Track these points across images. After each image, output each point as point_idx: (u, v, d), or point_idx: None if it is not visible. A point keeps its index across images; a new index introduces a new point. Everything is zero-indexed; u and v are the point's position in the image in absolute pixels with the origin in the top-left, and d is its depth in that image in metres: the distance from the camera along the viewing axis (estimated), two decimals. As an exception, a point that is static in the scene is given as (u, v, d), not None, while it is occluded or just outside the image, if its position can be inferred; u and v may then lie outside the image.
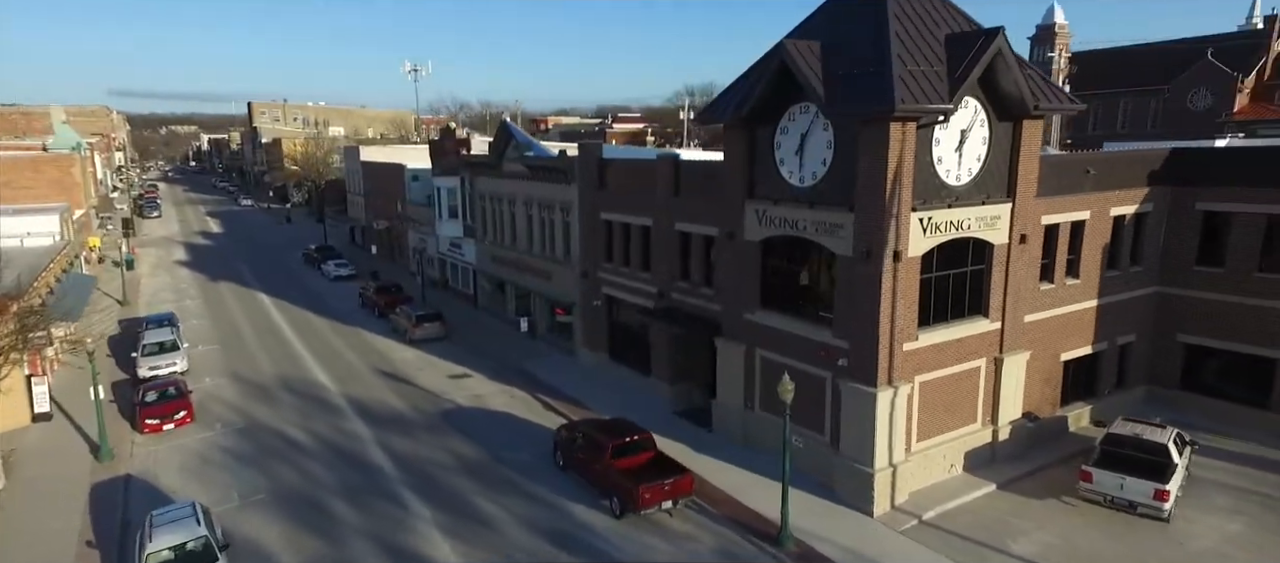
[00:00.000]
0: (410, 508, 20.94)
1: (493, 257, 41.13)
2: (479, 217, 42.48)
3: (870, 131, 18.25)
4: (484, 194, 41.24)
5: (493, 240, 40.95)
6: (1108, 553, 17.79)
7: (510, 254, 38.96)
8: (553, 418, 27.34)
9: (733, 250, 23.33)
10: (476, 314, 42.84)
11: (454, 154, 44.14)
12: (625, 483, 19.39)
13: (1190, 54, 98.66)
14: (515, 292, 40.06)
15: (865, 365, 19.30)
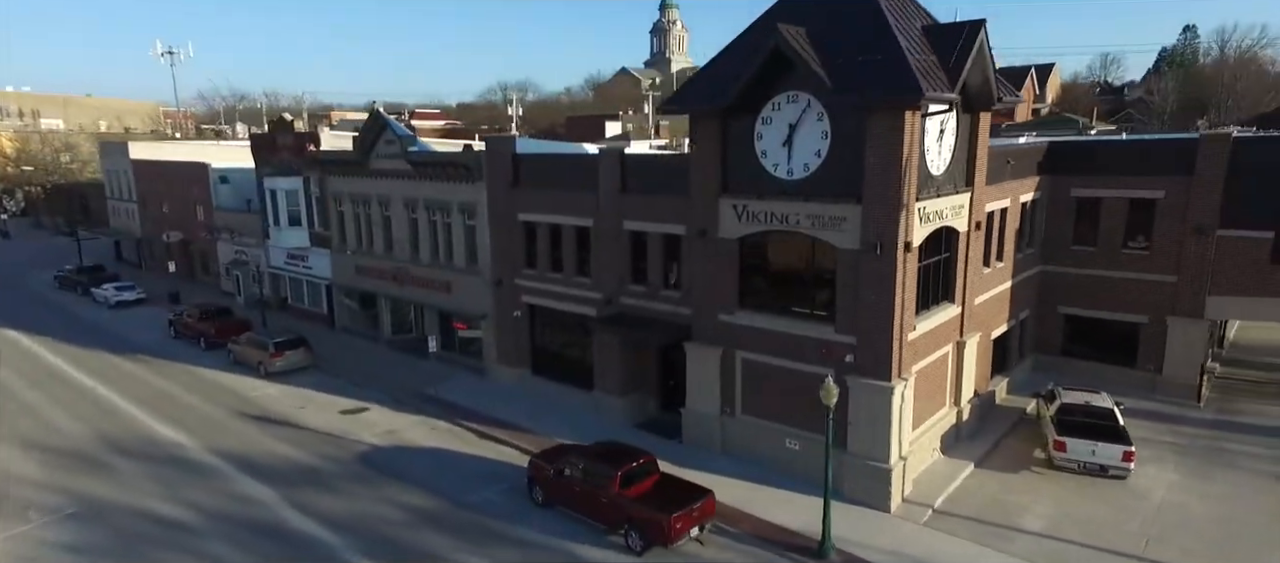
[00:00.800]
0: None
1: (358, 268, 35.82)
2: (335, 223, 36.82)
3: (882, 120, 17.88)
4: (342, 196, 35.77)
5: (358, 249, 35.67)
6: (1100, 516, 19.11)
7: (385, 264, 34.14)
8: (496, 449, 24.11)
9: (705, 249, 21.97)
10: (338, 337, 37.13)
11: (294, 151, 37.84)
12: (650, 514, 17.28)
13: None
14: (392, 308, 35.24)
15: (878, 360, 18.99)
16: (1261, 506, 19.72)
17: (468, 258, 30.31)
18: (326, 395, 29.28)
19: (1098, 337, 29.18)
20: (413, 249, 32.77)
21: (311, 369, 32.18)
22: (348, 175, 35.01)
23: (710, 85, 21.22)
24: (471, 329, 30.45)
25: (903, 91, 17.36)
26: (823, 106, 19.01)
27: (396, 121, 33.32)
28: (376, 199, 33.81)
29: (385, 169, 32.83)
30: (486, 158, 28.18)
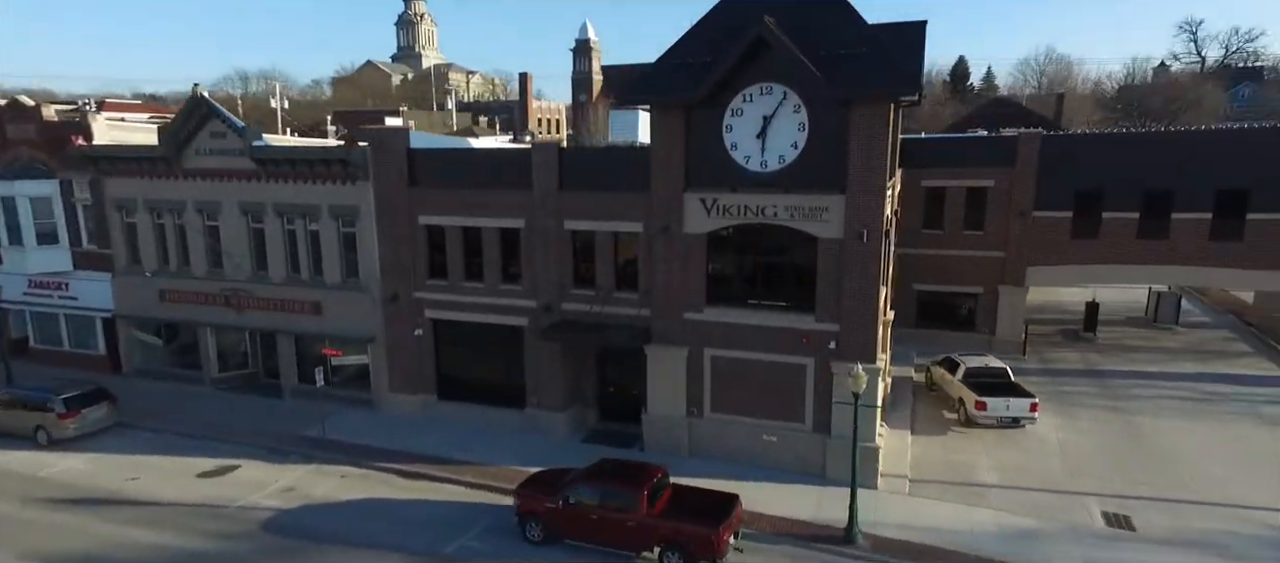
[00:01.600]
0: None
1: (163, 294, 28.70)
2: (120, 239, 29.15)
3: (865, 113, 18.58)
4: (133, 205, 28.39)
5: (161, 271, 28.59)
6: (1028, 461, 21.91)
7: (209, 287, 27.79)
8: (435, 489, 20.85)
9: (669, 247, 21.11)
10: (130, 383, 29.33)
11: (45, 146, 29.20)
12: (698, 530, 16.11)
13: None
14: (218, 339, 28.82)
15: (863, 344, 19.74)
16: (1118, 432, 24.08)
17: (344, 272, 25.80)
18: (161, 458, 23.06)
19: (945, 308, 33.49)
20: (256, 265, 27.10)
21: (116, 429, 25.13)
22: (143, 177, 27.85)
23: (670, 77, 20.39)
24: (352, 355, 25.95)
25: (888, 86, 18.19)
26: (800, 99, 19.21)
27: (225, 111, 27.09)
28: (194, 206, 27.34)
29: (210, 169, 26.70)
30: (373, 154, 24.18)
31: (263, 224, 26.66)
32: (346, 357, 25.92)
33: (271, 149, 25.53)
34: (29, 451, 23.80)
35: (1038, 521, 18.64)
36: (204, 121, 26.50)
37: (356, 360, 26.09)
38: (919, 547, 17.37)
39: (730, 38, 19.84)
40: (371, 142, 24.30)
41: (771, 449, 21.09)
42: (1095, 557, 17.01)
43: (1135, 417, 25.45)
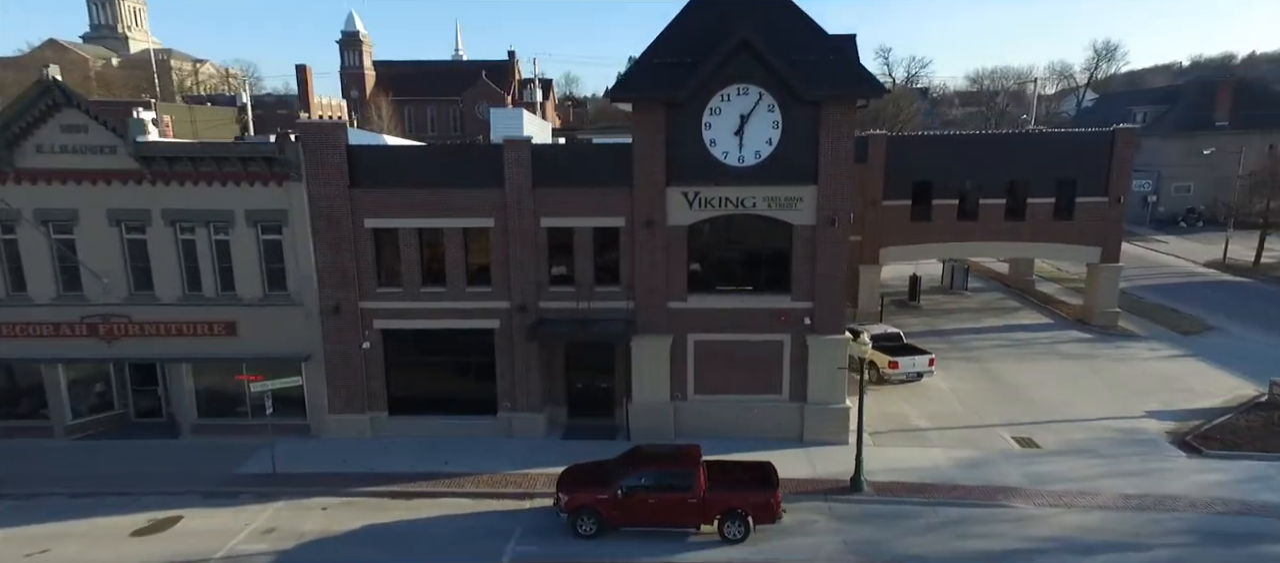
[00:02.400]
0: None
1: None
2: (-84, 262, 22.81)
3: (835, 112, 21.15)
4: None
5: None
6: (941, 407, 26.18)
7: (63, 315, 22.88)
8: (436, 505, 19.66)
9: (652, 239, 22.03)
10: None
11: None
12: (758, 498, 17.42)
13: (471, 74, 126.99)
14: (67, 378, 23.76)
15: (832, 318, 22.38)
16: (982, 376, 29.53)
17: (266, 285, 22.81)
18: (63, 524, 18.86)
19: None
20: (134, 285, 22.86)
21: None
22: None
23: (651, 78, 21.31)
24: (271, 381, 22.96)
25: (858, 88, 20.94)
26: (775, 99, 21.24)
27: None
28: (36, 216, 22.32)
29: (61, 170, 22.02)
30: (306, 152, 21.77)
31: (144, 235, 22.56)
32: (276, 382, 22.80)
33: (166, 145, 21.76)
34: None
35: (975, 451, 22.63)
36: (51, 112, 21.75)
37: (285, 383, 23.11)
38: (908, 485, 20.32)
39: (703, 42, 21.28)
40: (304, 138, 21.85)
41: (753, 421, 22.93)
42: (1029, 470, 21.24)
43: (986, 363, 31.30)
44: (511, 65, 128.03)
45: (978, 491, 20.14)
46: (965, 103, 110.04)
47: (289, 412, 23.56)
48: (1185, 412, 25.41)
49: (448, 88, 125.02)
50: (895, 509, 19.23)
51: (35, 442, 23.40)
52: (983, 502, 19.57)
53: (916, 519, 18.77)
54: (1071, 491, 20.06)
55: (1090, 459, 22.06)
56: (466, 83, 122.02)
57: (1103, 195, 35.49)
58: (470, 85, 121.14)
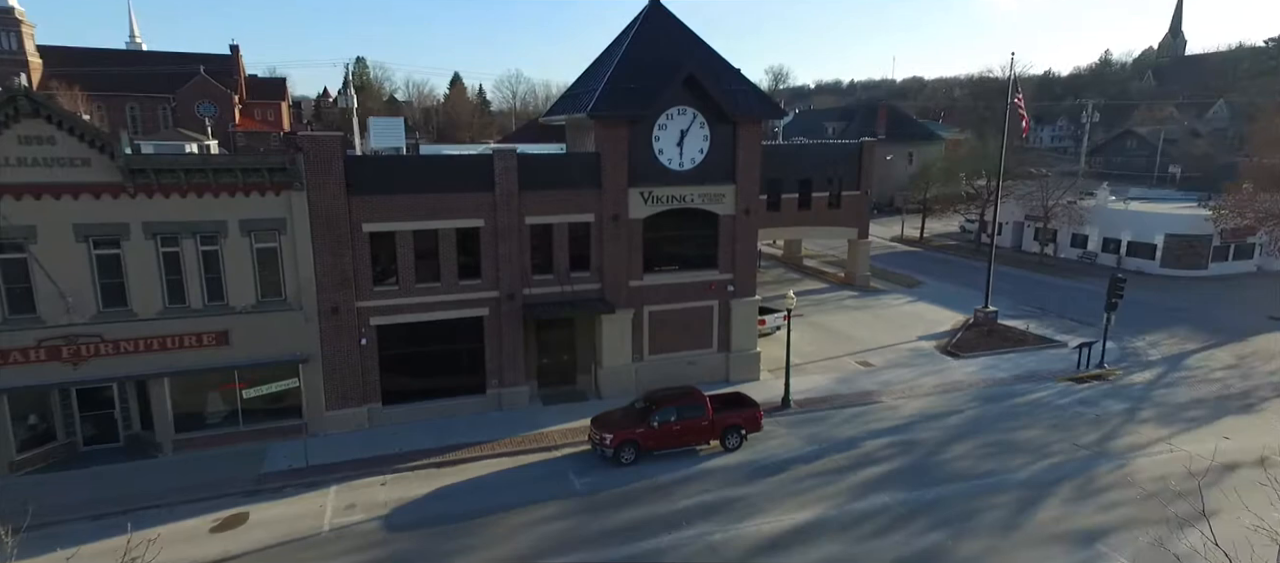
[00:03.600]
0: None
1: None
2: None
3: (748, 130, 28.28)
4: None
5: None
6: (800, 348, 34.83)
7: (16, 340, 21.32)
8: (484, 466, 22.90)
9: (617, 231, 27.22)
10: None
11: None
12: (748, 413, 23.87)
13: (184, 69, 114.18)
14: (10, 404, 21.99)
15: (748, 285, 29.55)
16: (812, 325, 39.13)
17: (261, 292, 23.44)
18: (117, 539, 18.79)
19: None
20: (103, 302, 22.08)
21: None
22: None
23: (638, 100, 26.32)
24: (263, 385, 23.76)
25: (768, 112, 28.27)
26: (705, 118, 27.72)
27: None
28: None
29: (22, 184, 20.73)
30: (308, 162, 23.14)
31: (118, 250, 21.96)
32: (272, 386, 23.54)
33: (159, 158, 21.62)
34: None
35: (839, 373, 31.43)
36: (10, 122, 20.42)
37: (282, 386, 23.90)
38: (815, 399, 28.23)
39: (646, 72, 26.94)
40: (307, 150, 23.16)
41: (692, 371, 29.20)
42: (876, 379, 30.48)
43: (809, 318, 41.05)
44: (235, 61, 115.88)
45: (856, 396, 28.73)
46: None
47: (284, 414, 24.38)
48: (937, 334, 37.05)
49: (151, 84, 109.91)
50: (817, 415, 26.94)
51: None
52: (864, 402, 28.15)
53: (832, 418, 26.66)
54: (905, 387, 29.57)
55: (904, 369, 32.04)
56: (179, 79, 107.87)
57: (857, 189, 47.54)
58: (185, 82, 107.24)
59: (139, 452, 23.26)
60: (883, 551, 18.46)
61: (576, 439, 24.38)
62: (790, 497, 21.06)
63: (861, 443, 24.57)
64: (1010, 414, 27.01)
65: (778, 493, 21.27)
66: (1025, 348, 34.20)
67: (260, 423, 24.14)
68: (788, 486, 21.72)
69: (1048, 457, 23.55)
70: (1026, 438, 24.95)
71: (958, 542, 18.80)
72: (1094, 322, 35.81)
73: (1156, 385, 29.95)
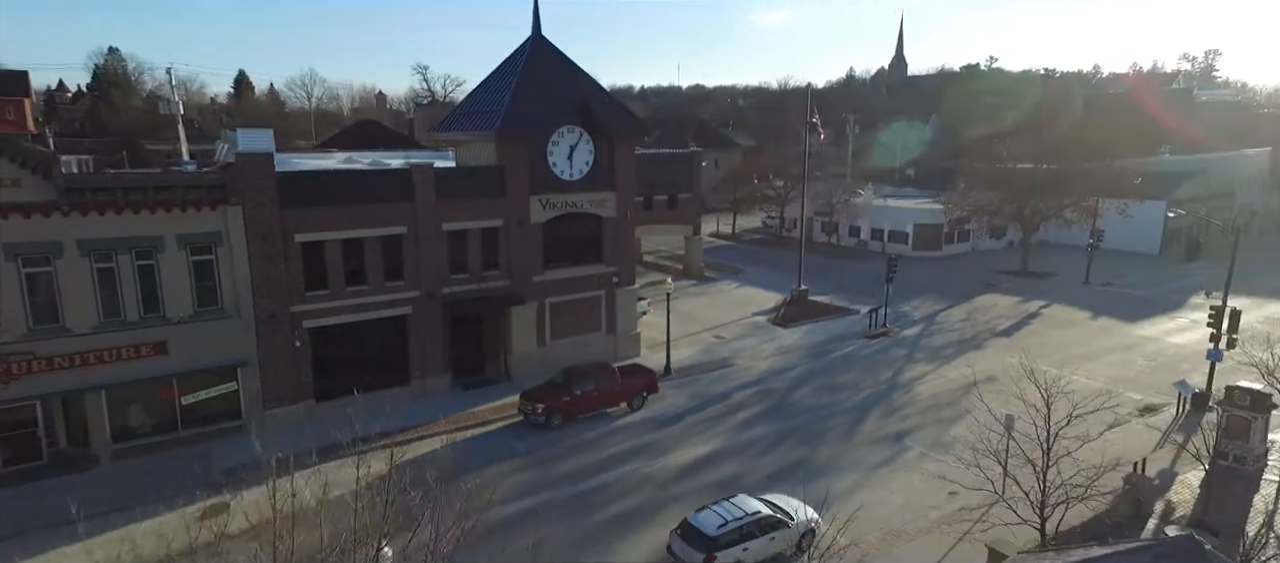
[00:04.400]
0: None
1: None
2: None
3: (625, 146, 33.77)
4: None
5: None
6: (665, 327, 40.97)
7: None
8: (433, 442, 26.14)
9: (521, 234, 31.40)
10: None
11: None
12: (647, 380, 29.32)
13: None
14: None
15: (628, 275, 35.03)
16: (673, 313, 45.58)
17: (198, 302, 24.55)
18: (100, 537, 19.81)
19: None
20: (34, 319, 22.23)
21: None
22: None
23: (534, 121, 30.48)
24: (201, 390, 24.99)
25: (640, 133, 33.90)
26: (589, 136, 32.75)
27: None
28: None
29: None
30: (246, 176, 24.76)
31: (49, 267, 22.27)
32: (209, 390, 24.75)
33: (96, 178, 22.22)
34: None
35: (701, 345, 37.99)
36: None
37: (220, 389, 25.10)
38: (689, 367, 34.40)
39: (539, 96, 31.40)
40: (241, 166, 24.74)
41: (586, 351, 34.03)
42: (730, 348, 37.45)
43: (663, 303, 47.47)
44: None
45: (717, 362, 35.38)
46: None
47: (222, 417, 25.59)
48: (766, 310, 45.18)
49: None
50: (693, 378, 33.08)
51: (-102, 515, 20.53)
52: (725, 366, 34.84)
53: (704, 379, 32.95)
54: (752, 352, 36.82)
55: (748, 339, 39.43)
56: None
57: (690, 193, 55.04)
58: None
59: (66, 467, 23.36)
60: (767, 464, 24.82)
61: (506, 414, 28.29)
62: (692, 437, 26.84)
63: (732, 395, 31.05)
64: (831, 365, 35.13)
65: (682, 435, 26.95)
66: (831, 316, 43.22)
67: (199, 427, 25.16)
68: (687, 430, 27.49)
69: (861, 391, 31.61)
70: (845, 380, 32.99)
71: (815, 451, 25.70)
72: (873, 293, 45.86)
73: (922, 336, 40.00)
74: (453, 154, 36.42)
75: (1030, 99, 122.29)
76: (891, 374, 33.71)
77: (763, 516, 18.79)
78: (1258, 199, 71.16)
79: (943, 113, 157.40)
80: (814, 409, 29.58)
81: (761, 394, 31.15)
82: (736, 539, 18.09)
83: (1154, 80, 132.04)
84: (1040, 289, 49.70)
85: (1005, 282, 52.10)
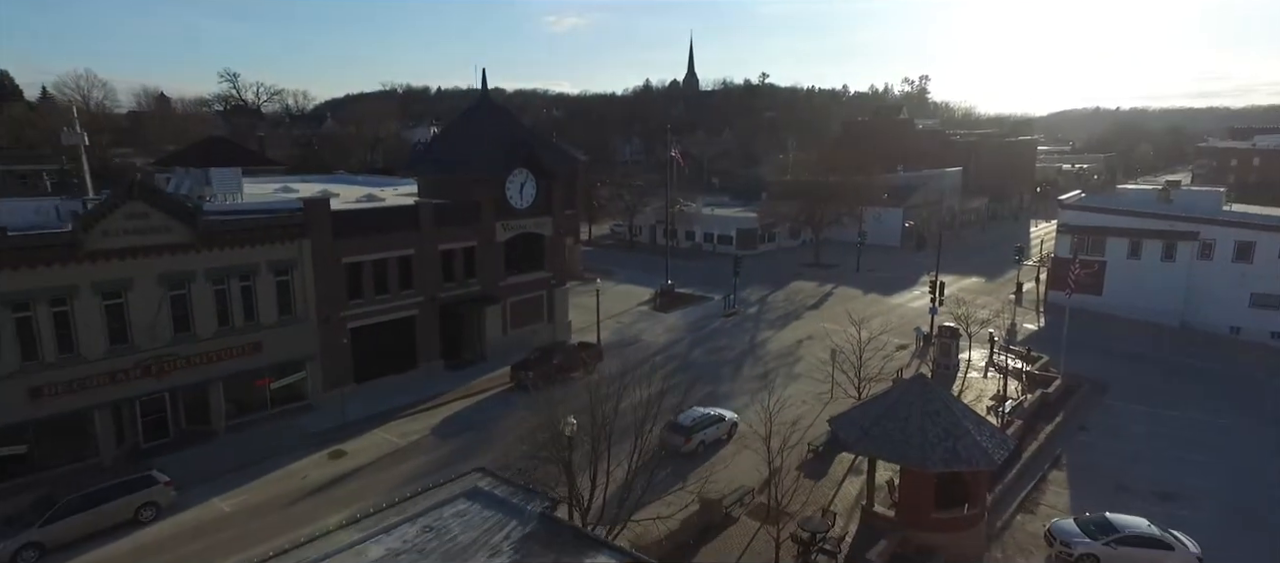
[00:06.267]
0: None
1: (37, 391, 26.04)
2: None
3: (562, 182, 45.36)
4: None
5: (21, 371, 25.89)
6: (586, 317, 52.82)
7: (116, 365, 27.82)
8: (454, 405, 36.19)
9: (491, 251, 41.92)
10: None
11: None
12: (594, 353, 41.26)
13: None
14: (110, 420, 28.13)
15: (563, 279, 46.61)
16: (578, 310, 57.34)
17: (280, 311, 32.57)
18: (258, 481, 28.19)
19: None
20: (179, 329, 29.50)
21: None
22: (17, 267, 25.12)
23: (501, 162, 40.99)
24: (284, 378, 33.11)
25: (573, 169, 45.62)
26: (534, 175, 43.93)
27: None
28: (92, 288, 27.05)
29: (123, 248, 27.63)
30: (311, 217, 33.21)
31: (185, 290, 29.64)
32: (283, 380, 32.80)
33: (225, 222, 29.90)
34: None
35: (613, 329, 50.26)
36: (123, 203, 27.29)
37: (296, 378, 33.17)
38: (613, 344, 46.65)
39: (496, 145, 42.09)
40: (309, 208, 33.17)
41: (535, 337, 45.08)
42: (635, 330, 50.30)
43: (556, 301, 58.94)
44: None
45: (630, 338, 48.00)
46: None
47: (294, 398, 33.72)
48: (647, 301, 58.49)
49: None
50: (618, 350, 45.29)
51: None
52: (636, 341, 47.58)
53: (628, 351, 45.24)
54: (651, 331, 50.02)
55: (643, 322, 52.49)
56: None
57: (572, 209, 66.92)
58: None
59: (190, 441, 30.56)
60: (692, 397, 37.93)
61: (495, 385, 38.78)
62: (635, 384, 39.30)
63: (651, 359, 43.81)
64: (707, 335, 49.30)
65: (629, 384, 39.25)
66: (696, 304, 57.62)
67: (282, 406, 33.15)
68: (631, 380, 39.81)
69: (733, 350, 46.01)
70: (720, 344, 47.25)
71: (718, 387, 39.39)
72: (716, 284, 61.05)
73: (760, 313, 55.68)
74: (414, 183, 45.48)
75: (802, 116, 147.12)
76: (749, 338, 48.62)
77: (710, 415, 31.92)
78: (956, 204, 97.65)
79: (736, 127, 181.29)
80: (707, 363, 43.36)
81: (669, 357, 44.38)
82: (700, 428, 31.04)
83: (885, 107, 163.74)
84: (830, 276, 68.20)
85: (806, 272, 70.16)
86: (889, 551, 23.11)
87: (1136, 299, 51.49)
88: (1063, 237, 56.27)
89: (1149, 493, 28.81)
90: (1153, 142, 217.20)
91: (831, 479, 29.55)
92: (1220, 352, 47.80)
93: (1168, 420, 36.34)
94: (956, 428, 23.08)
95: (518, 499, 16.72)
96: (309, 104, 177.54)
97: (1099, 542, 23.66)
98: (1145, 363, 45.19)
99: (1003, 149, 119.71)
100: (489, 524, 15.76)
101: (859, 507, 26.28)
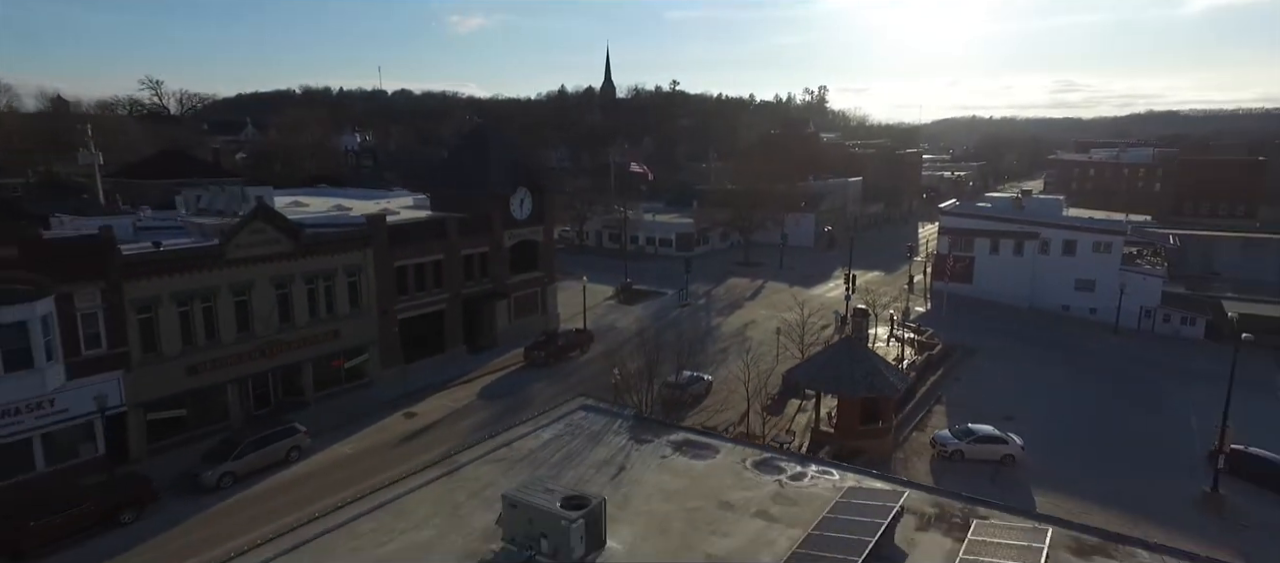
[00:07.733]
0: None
1: (191, 369, 33.60)
2: (135, 337, 31.58)
3: (548, 195, 54.81)
4: (157, 301, 32.04)
5: (185, 352, 33.36)
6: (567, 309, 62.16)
7: (242, 348, 35.54)
8: (479, 381, 45.16)
9: (500, 254, 50.98)
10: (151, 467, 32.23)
11: (24, 264, 28.01)
12: (586, 336, 51.00)
13: None
14: (237, 391, 35.79)
15: (553, 277, 56.03)
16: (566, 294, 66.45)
17: (351, 305, 40.73)
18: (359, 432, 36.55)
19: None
20: (283, 320, 37.36)
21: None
22: (181, 272, 32.71)
23: (509, 180, 50.11)
24: (353, 359, 41.32)
25: (559, 190, 55.12)
26: (530, 190, 53.22)
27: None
28: (228, 288, 34.78)
29: (248, 256, 35.40)
30: (372, 229, 41.55)
31: (287, 290, 37.55)
32: (352, 361, 40.97)
33: (317, 235, 37.95)
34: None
35: (591, 319, 60.04)
36: (249, 221, 35.11)
37: (360, 360, 41.34)
38: (597, 330, 56.45)
39: (499, 168, 51.23)
40: (371, 222, 41.50)
41: (534, 325, 54.24)
42: (610, 319, 60.19)
43: (531, 298, 68.02)
44: None
45: (608, 325, 57.83)
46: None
47: (359, 375, 41.90)
48: (612, 297, 68.45)
49: None
50: (602, 335, 55.14)
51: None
52: (614, 327, 57.46)
53: (609, 334, 55.15)
54: (623, 320, 60.08)
55: (614, 313, 62.43)
56: None
57: (529, 216, 76.09)
58: None
59: (288, 409, 38.33)
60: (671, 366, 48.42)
61: (511, 364, 47.84)
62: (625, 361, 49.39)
63: (629, 341, 53.96)
64: (669, 323, 59.75)
65: (620, 361, 49.29)
66: (653, 298, 67.99)
67: (352, 382, 41.29)
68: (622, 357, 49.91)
69: (693, 333, 56.62)
70: (682, 329, 57.63)
71: (691, 359, 49.87)
72: (666, 281, 71.68)
73: (710, 303, 66.73)
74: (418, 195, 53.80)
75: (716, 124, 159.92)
76: (705, 324, 59.53)
77: (695, 376, 42.45)
78: (857, 209, 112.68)
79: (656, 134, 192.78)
80: (675, 343, 53.68)
81: (644, 340, 54.34)
82: (689, 385, 41.50)
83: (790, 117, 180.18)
84: (759, 273, 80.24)
85: (739, 270, 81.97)
86: (831, 453, 34.18)
87: (997, 286, 65.84)
88: (942, 237, 70.25)
89: (998, 416, 41.30)
90: (1017, 150, 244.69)
91: (786, 417, 40.59)
92: (1054, 325, 62.56)
93: (1015, 373, 49.71)
94: (873, 370, 34.46)
95: (613, 409, 26.63)
96: (199, 105, 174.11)
97: (963, 442, 35.65)
98: (1003, 334, 59.11)
99: (894, 160, 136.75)
100: (604, 420, 25.63)
101: (809, 428, 37.40)
